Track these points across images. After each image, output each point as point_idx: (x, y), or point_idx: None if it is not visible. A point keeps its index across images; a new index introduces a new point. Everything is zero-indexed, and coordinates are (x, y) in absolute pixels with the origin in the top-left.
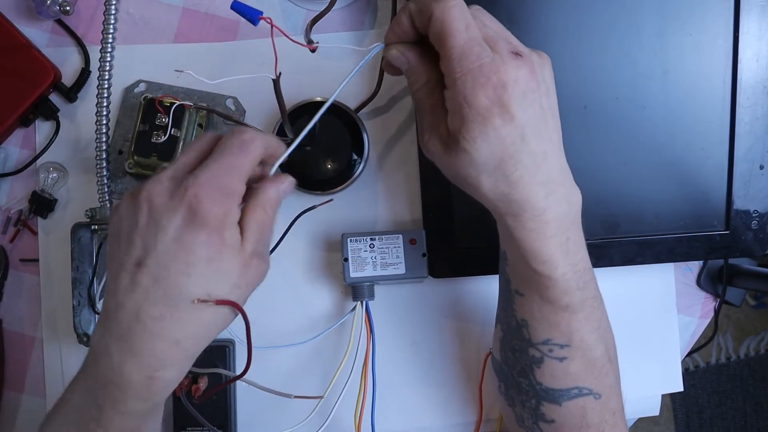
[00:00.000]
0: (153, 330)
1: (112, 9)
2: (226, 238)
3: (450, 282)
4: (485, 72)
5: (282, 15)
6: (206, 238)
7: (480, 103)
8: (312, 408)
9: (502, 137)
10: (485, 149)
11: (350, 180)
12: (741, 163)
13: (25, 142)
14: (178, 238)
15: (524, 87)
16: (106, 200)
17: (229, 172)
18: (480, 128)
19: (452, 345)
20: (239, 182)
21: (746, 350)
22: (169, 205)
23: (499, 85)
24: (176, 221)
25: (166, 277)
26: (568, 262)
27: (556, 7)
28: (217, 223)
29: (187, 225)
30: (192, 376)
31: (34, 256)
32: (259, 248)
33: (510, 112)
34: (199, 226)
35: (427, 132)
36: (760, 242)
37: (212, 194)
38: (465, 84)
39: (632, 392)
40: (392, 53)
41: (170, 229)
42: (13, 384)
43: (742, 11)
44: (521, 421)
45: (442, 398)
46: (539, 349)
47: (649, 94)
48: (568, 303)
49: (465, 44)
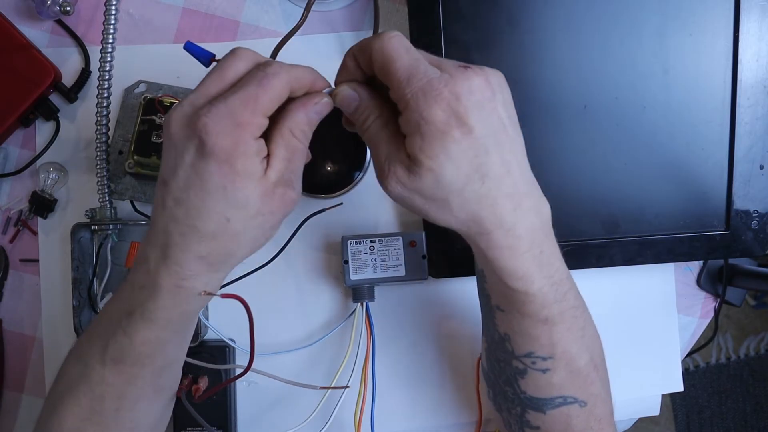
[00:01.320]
0: (179, 244)
1: (112, 9)
2: (239, 169)
3: (450, 283)
4: (435, 86)
5: (282, 15)
6: (217, 168)
7: (436, 118)
8: (313, 409)
9: (464, 151)
10: (449, 166)
11: (354, 182)
12: (741, 163)
13: (25, 142)
14: (193, 165)
15: (479, 97)
16: (106, 200)
17: (243, 105)
18: (440, 143)
19: (452, 346)
20: (254, 115)
21: (746, 350)
22: (184, 132)
23: (452, 97)
24: (191, 150)
25: (186, 200)
26: (544, 275)
27: (556, 7)
28: (225, 154)
29: (199, 155)
30: (192, 376)
31: (35, 256)
32: (286, 175)
33: (468, 124)
34: (207, 156)
35: (386, 164)
36: (760, 242)
37: (221, 126)
38: (418, 102)
39: (632, 392)
40: (343, 90)
41: (187, 156)
42: (13, 384)
43: (743, 11)
44: (509, 426)
45: (441, 399)
46: (522, 361)
47: (649, 93)
48: (547, 316)
49: (410, 64)
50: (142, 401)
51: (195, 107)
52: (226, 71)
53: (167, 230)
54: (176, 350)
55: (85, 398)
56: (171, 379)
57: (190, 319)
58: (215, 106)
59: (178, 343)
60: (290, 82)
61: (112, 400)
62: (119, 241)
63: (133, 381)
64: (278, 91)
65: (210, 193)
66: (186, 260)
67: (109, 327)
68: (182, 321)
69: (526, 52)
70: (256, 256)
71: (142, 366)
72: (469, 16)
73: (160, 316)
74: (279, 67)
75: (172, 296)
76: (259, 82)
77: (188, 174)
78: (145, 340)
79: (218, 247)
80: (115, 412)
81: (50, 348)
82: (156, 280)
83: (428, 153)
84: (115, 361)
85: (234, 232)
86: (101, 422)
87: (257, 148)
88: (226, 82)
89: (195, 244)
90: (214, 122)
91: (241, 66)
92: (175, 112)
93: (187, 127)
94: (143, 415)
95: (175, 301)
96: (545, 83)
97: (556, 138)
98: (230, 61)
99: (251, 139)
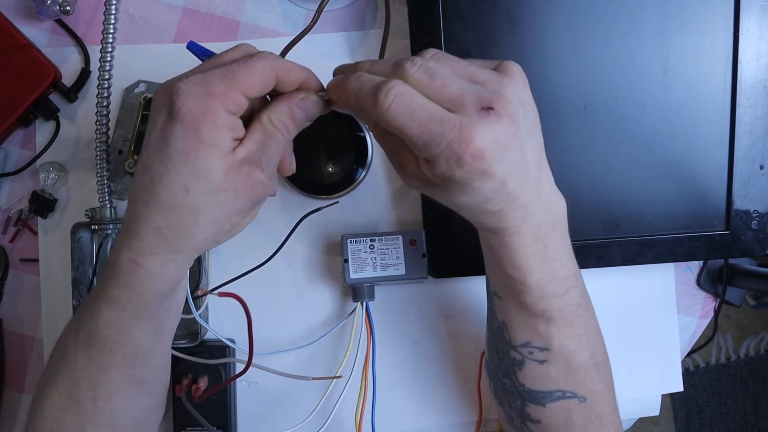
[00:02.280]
0: (141, 214)
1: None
2: (204, 136)
3: (450, 282)
4: (456, 149)
5: (282, 14)
6: (181, 132)
7: (459, 177)
8: (312, 408)
9: (482, 191)
10: (464, 199)
11: (355, 183)
12: (741, 163)
13: (25, 142)
14: (162, 129)
15: (503, 141)
16: (106, 200)
17: (220, 77)
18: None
19: (452, 345)
20: (228, 88)
21: (746, 350)
22: (161, 98)
23: (476, 155)
24: (163, 113)
25: (150, 166)
26: (545, 269)
27: (556, 6)
28: (192, 118)
29: (168, 118)
30: (192, 376)
31: (35, 256)
32: (256, 156)
33: (489, 172)
34: (174, 118)
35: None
36: (760, 242)
37: (193, 91)
38: (440, 164)
39: (632, 392)
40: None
41: (159, 120)
42: (13, 384)
43: (743, 11)
44: (510, 420)
45: (442, 398)
46: (519, 351)
47: (649, 93)
48: (544, 308)
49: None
50: (119, 393)
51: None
52: (222, 56)
53: (134, 200)
54: (147, 339)
55: (62, 383)
56: (149, 372)
57: (152, 304)
58: (194, 74)
59: (146, 331)
60: (276, 68)
61: (88, 389)
62: None
63: (104, 369)
64: (260, 73)
65: (172, 158)
66: (145, 233)
67: (82, 311)
68: (141, 305)
69: (526, 52)
70: (255, 254)
71: (110, 352)
72: (469, 16)
73: (119, 295)
74: (267, 54)
75: (130, 274)
76: (243, 62)
77: (157, 138)
78: (107, 322)
79: (176, 220)
80: (92, 401)
81: (50, 348)
82: (118, 255)
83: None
84: (85, 345)
85: (193, 204)
86: (79, 412)
87: (229, 123)
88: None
89: (154, 215)
90: (187, 87)
91: (237, 54)
92: (163, 83)
93: (165, 93)
94: (123, 408)
95: (132, 279)
96: (545, 83)
97: (556, 138)
98: (227, 51)
99: (222, 110)
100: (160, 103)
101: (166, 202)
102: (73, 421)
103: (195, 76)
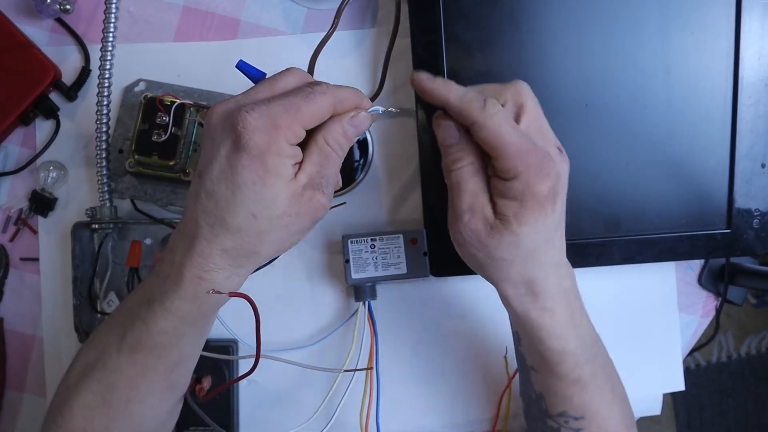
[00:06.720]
0: (206, 235)
1: (112, 8)
2: (269, 166)
3: (452, 281)
4: (546, 165)
5: (282, 14)
6: (249, 162)
7: (542, 193)
8: (314, 408)
9: (547, 225)
10: (531, 234)
11: (356, 182)
12: (742, 161)
13: (25, 140)
14: (228, 158)
15: (565, 181)
16: (107, 199)
17: (285, 110)
18: (536, 215)
19: (455, 343)
20: (292, 122)
21: (747, 349)
22: (223, 126)
23: (556, 177)
24: (227, 143)
25: (217, 192)
26: (576, 333)
27: (557, 6)
28: (258, 150)
29: (234, 148)
30: (196, 375)
31: (35, 255)
32: (316, 180)
33: (557, 203)
34: (241, 150)
35: (467, 214)
36: (762, 241)
37: (259, 123)
38: (530, 175)
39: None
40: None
41: (222, 149)
42: (14, 383)
43: (744, 9)
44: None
45: (445, 397)
46: (556, 420)
47: (650, 92)
48: (580, 376)
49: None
50: (152, 396)
51: (239, 105)
52: (276, 83)
53: (197, 221)
54: (191, 346)
55: (98, 385)
56: (183, 376)
57: (208, 314)
58: (258, 106)
59: (194, 338)
60: (334, 103)
61: (124, 390)
62: (119, 240)
63: (147, 373)
64: (321, 107)
65: (240, 186)
66: (211, 252)
67: (129, 316)
68: (200, 315)
69: (527, 52)
70: None
71: (157, 357)
72: (470, 16)
73: (179, 307)
74: (327, 87)
75: (193, 287)
76: (306, 95)
77: (222, 166)
78: (161, 330)
79: (243, 242)
80: (125, 403)
81: (51, 347)
82: (180, 270)
83: (521, 220)
84: (131, 349)
85: (259, 229)
86: (110, 413)
87: (290, 152)
88: (275, 92)
89: (221, 237)
90: (253, 119)
91: (291, 81)
92: (218, 106)
93: (227, 120)
94: (152, 412)
95: (195, 292)
96: (546, 82)
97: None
98: (282, 75)
99: (285, 143)
100: (223, 131)
101: (233, 226)
102: (102, 422)
103: (260, 108)
